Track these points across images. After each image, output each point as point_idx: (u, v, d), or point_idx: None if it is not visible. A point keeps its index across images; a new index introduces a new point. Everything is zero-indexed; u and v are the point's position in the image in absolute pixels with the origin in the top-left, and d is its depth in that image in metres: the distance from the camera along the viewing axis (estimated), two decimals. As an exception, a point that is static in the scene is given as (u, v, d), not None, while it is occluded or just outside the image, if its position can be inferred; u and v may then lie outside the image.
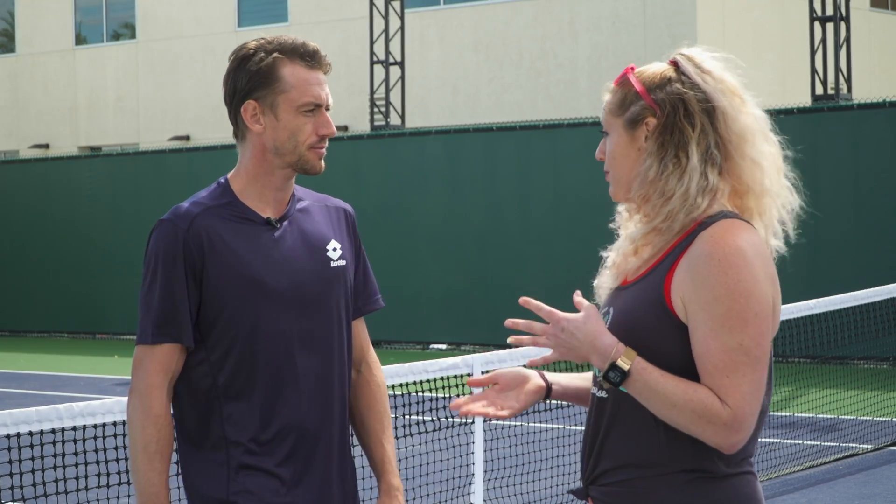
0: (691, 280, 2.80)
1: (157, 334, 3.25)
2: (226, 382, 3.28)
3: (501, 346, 16.98)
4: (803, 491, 9.13)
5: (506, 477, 8.86)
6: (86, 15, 31.26)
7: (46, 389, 15.87)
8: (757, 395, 2.77)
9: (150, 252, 3.30)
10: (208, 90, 28.58)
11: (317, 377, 3.33)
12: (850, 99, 18.20)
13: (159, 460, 3.23)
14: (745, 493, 2.85)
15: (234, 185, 3.37)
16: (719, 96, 2.90)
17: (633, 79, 2.97)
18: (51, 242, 23.48)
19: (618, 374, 2.79)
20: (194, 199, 3.34)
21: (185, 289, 3.25)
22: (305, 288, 3.33)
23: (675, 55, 2.99)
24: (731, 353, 2.76)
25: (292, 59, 3.32)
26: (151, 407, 3.23)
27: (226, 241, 3.27)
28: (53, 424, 5.10)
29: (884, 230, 16.15)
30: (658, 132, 2.91)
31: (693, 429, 2.76)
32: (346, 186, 19.32)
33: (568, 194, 18.09)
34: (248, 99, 3.34)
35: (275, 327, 3.28)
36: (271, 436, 3.27)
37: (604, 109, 3.01)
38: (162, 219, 3.31)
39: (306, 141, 3.32)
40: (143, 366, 3.25)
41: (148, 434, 3.22)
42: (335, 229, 3.45)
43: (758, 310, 2.77)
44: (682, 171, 2.88)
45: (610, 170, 3.00)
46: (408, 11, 24.16)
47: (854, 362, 15.83)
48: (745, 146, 2.92)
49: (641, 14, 23.62)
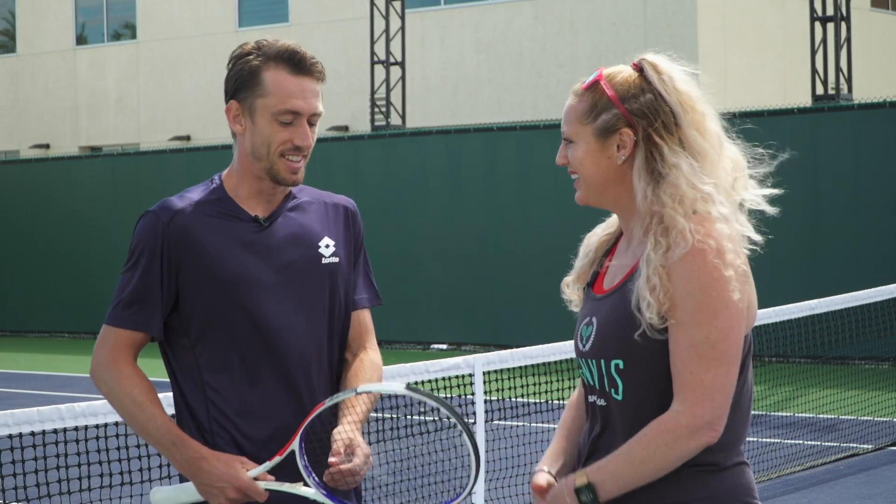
0: (666, 276, 2.82)
1: (123, 318, 3.29)
2: (208, 373, 3.30)
3: (502, 346, 16.99)
4: (803, 491, 9.14)
5: (506, 477, 8.86)
6: (86, 15, 31.26)
7: (47, 389, 15.88)
8: (721, 388, 2.79)
9: (133, 240, 3.33)
10: (209, 90, 28.58)
11: (298, 373, 3.32)
12: (850, 99, 18.20)
13: (151, 405, 3.26)
14: (740, 484, 2.90)
15: (227, 183, 3.38)
16: (679, 108, 2.90)
17: (605, 85, 2.94)
18: (52, 242, 23.48)
19: (585, 492, 2.84)
20: (184, 194, 3.36)
21: (160, 280, 3.27)
22: (291, 283, 3.32)
23: (639, 60, 2.96)
24: (697, 348, 2.78)
25: (277, 64, 3.28)
26: (121, 370, 3.27)
27: (205, 236, 3.28)
28: (55, 424, 5.11)
29: (884, 230, 16.15)
30: (632, 142, 2.90)
31: (677, 454, 2.79)
32: (347, 186, 19.33)
33: (568, 194, 18.04)
34: (232, 99, 3.34)
35: (257, 324, 3.28)
36: (252, 430, 3.28)
37: (569, 114, 2.97)
38: (148, 210, 3.34)
39: (278, 149, 3.29)
40: (106, 344, 3.31)
41: (128, 390, 3.26)
42: (330, 226, 3.44)
43: (728, 302, 2.79)
44: (657, 181, 2.89)
45: (580, 176, 2.99)
46: (408, 11, 24.16)
47: (855, 362, 15.83)
48: (720, 151, 2.92)
49: (642, 14, 23.62)
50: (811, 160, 16.57)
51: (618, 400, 2.89)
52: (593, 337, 2.94)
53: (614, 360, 2.89)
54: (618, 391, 2.89)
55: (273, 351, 3.29)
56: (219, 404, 3.28)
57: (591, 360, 2.95)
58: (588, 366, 2.97)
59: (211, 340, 3.29)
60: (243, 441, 3.28)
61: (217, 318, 3.28)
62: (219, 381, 3.29)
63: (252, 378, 3.28)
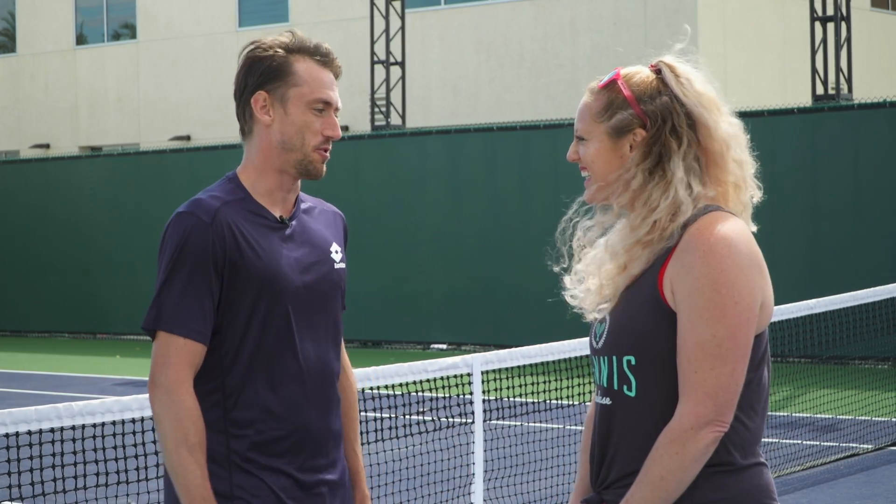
0: (677, 272, 2.82)
1: (186, 328, 3.19)
2: (233, 375, 3.26)
3: (502, 345, 16.98)
4: (803, 491, 9.13)
5: (506, 477, 8.86)
6: (86, 15, 31.27)
7: (47, 389, 15.87)
8: (725, 388, 2.77)
9: (173, 244, 3.23)
10: (209, 90, 28.59)
11: (320, 375, 3.34)
12: (850, 99, 18.19)
13: (200, 452, 3.17)
14: (759, 484, 2.87)
15: (245, 181, 3.35)
16: (700, 110, 2.91)
17: (623, 85, 2.95)
18: (52, 242, 23.48)
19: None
20: (211, 193, 3.30)
21: (210, 285, 3.21)
22: (314, 287, 3.33)
23: (657, 62, 2.97)
24: (703, 346, 2.77)
25: (305, 55, 3.33)
26: (182, 400, 3.17)
27: (246, 236, 3.25)
28: (52, 424, 5.11)
29: (884, 230, 16.15)
30: (645, 143, 2.91)
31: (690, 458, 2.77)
32: (347, 186, 19.33)
33: (568, 194, 18.04)
34: (261, 90, 3.33)
35: (285, 325, 3.28)
36: (276, 432, 3.26)
37: (583, 112, 2.98)
38: (182, 211, 3.25)
39: (313, 140, 3.31)
40: (169, 359, 3.19)
41: (185, 427, 3.16)
42: (334, 232, 3.46)
43: (738, 299, 2.78)
44: (668, 183, 2.90)
45: (591, 173, 3.00)
46: (408, 11, 24.16)
47: (854, 362, 15.83)
48: (727, 153, 2.93)
49: (642, 14, 23.62)
50: (811, 160, 16.56)
51: (630, 397, 2.88)
52: (606, 333, 2.94)
53: (626, 357, 2.88)
54: (631, 388, 2.88)
55: (297, 351, 3.29)
56: (241, 406, 3.26)
57: (603, 357, 2.95)
58: (599, 363, 2.97)
59: (239, 341, 3.26)
60: (261, 442, 3.26)
61: (249, 319, 3.25)
62: (243, 383, 3.25)
63: (275, 380, 3.27)
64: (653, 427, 2.84)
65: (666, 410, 2.83)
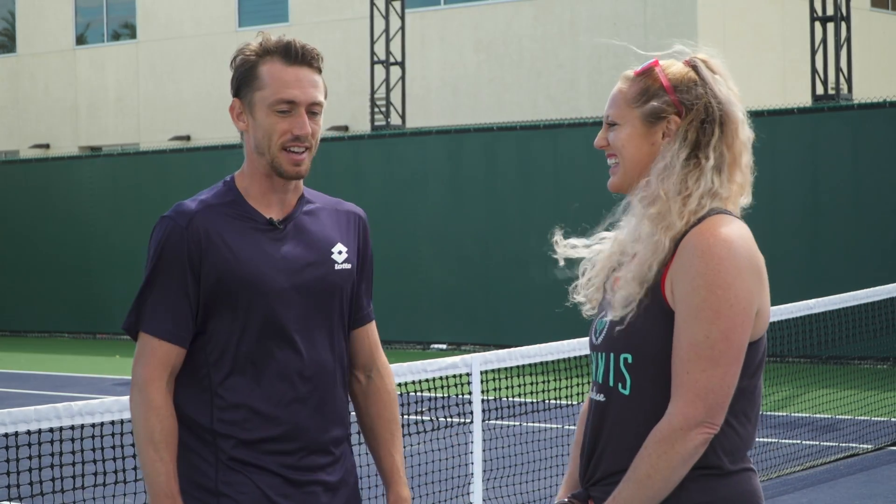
0: (677, 272, 2.82)
1: (162, 330, 3.25)
2: (219, 375, 3.28)
3: (502, 345, 16.97)
4: (803, 491, 9.13)
5: (505, 477, 8.85)
6: (86, 15, 31.27)
7: (47, 389, 15.87)
8: (715, 390, 2.77)
9: (154, 248, 3.28)
10: (209, 90, 28.59)
11: (315, 376, 3.32)
12: (850, 99, 18.19)
13: (165, 449, 3.22)
14: (746, 490, 2.88)
15: (239, 185, 3.37)
16: (732, 108, 2.94)
17: (660, 72, 2.96)
18: (51, 242, 23.48)
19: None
20: (197, 197, 3.34)
21: (187, 288, 3.25)
22: (308, 288, 3.32)
23: (691, 58, 2.99)
24: (696, 347, 2.77)
25: (272, 56, 3.29)
26: (152, 399, 3.22)
27: (224, 239, 3.26)
28: (51, 424, 5.10)
29: (884, 230, 16.15)
30: (681, 132, 2.92)
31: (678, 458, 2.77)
32: (347, 186, 19.33)
33: (568, 194, 18.07)
34: (235, 97, 3.35)
35: (271, 326, 3.27)
36: (263, 432, 3.27)
37: (616, 98, 2.98)
38: (164, 215, 3.31)
39: (278, 141, 3.28)
40: (143, 359, 3.26)
41: (151, 425, 3.22)
42: (343, 232, 3.43)
43: (734, 302, 2.78)
44: (701, 171, 2.90)
45: (619, 160, 2.99)
46: (408, 11, 24.16)
47: (853, 362, 15.83)
48: (745, 154, 2.97)
49: (642, 14, 23.61)
50: (811, 160, 16.56)
51: (624, 395, 2.88)
52: (605, 330, 2.94)
53: (623, 354, 2.88)
54: (625, 386, 2.88)
55: (288, 351, 3.29)
56: (228, 406, 3.26)
57: (601, 353, 2.95)
58: (597, 360, 2.97)
59: (224, 341, 3.27)
60: (249, 441, 3.26)
61: (233, 320, 3.27)
62: (229, 383, 3.27)
63: (262, 380, 3.27)
64: (643, 426, 2.84)
65: (658, 411, 2.83)
